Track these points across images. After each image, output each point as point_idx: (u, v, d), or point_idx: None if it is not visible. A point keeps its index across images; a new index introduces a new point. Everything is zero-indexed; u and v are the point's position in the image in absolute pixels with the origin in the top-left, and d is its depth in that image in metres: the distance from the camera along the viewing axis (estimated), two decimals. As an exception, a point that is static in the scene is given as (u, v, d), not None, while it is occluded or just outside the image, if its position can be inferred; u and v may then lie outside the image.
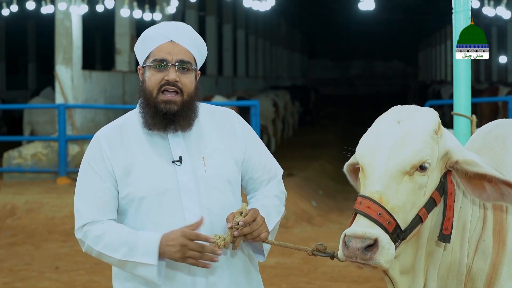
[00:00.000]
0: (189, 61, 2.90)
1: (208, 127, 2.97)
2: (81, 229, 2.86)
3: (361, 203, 2.44)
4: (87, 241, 2.85)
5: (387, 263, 2.39)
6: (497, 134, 2.81)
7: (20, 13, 18.98)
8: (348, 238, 2.39)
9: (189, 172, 2.87)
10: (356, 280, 7.48)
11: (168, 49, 2.89)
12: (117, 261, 2.82)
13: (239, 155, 2.97)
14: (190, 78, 2.90)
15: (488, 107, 15.91)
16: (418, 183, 2.48)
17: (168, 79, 2.85)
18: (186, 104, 2.87)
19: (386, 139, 2.51)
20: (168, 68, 2.86)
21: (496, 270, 2.63)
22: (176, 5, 17.82)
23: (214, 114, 3.02)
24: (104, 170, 2.87)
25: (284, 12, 32.29)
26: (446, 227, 2.52)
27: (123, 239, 2.80)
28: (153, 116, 2.88)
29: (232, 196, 2.93)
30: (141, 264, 2.77)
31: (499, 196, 2.50)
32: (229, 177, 2.92)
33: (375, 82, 48.65)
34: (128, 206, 2.88)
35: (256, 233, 2.80)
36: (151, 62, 2.89)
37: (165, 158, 2.88)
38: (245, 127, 3.04)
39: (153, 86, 2.88)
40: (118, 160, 2.87)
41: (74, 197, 2.92)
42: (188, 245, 2.73)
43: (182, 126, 2.88)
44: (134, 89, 18.21)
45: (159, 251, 2.76)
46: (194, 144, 2.92)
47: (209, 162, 2.90)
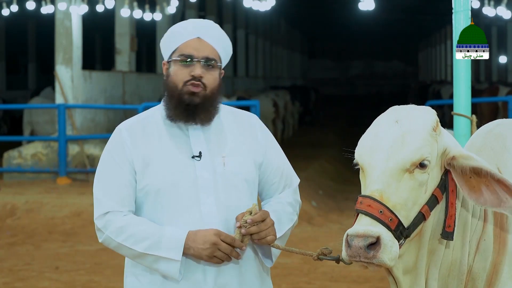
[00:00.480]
0: (214, 59, 2.93)
1: (229, 126, 3.00)
2: (102, 217, 2.87)
3: (362, 203, 2.45)
4: (106, 232, 2.85)
5: (391, 260, 2.39)
6: (498, 134, 2.82)
7: (20, 13, 18.99)
8: (351, 237, 2.39)
9: (208, 168, 2.89)
10: (356, 280, 7.48)
11: (195, 45, 2.92)
12: (137, 253, 2.82)
13: (258, 157, 2.99)
14: (214, 75, 2.93)
15: (488, 107, 15.91)
16: (418, 181, 2.48)
17: (194, 74, 2.88)
18: (208, 99, 2.91)
19: (385, 138, 2.52)
20: (194, 64, 2.90)
21: (496, 270, 2.63)
22: (176, 5, 17.82)
23: (236, 115, 3.05)
24: (124, 161, 2.89)
25: (284, 12, 32.30)
26: (449, 224, 2.53)
27: (147, 232, 2.81)
28: (175, 107, 2.90)
29: (249, 195, 2.95)
30: (164, 259, 2.79)
31: (496, 202, 2.48)
32: (247, 176, 2.94)
33: (375, 82, 48.65)
34: (145, 199, 2.89)
35: (263, 234, 2.81)
36: (177, 57, 2.92)
37: (185, 152, 2.91)
38: (266, 132, 3.07)
39: (178, 80, 2.91)
40: (138, 151, 2.90)
41: (94, 186, 2.93)
42: (220, 245, 2.77)
43: (202, 120, 2.91)
44: (134, 89, 18.26)
45: (185, 247, 2.78)
46: (215, 141, 2.94)
47: (228, 160, 2.92)
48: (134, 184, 2.90)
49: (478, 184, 2.51)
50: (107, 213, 2.86)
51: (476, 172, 2.50)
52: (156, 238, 2.80)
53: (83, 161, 13.06)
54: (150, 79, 17.96)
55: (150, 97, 16.83)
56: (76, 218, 10.25)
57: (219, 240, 2.77)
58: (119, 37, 16.30)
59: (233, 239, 2.79)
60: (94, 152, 13.16)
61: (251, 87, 27.09)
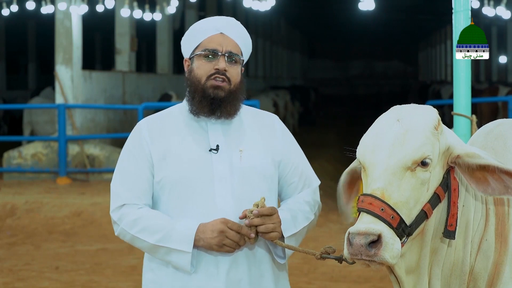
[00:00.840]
0: (237, 54, 2.97)
1: (248, 123, 3.02)
2: (118, 210, 2.92)
3: (363, 201, 2.45)
4: (121, 225, 2.90)
5: (393, 258, 2.39)
6: (498, 134, 2.82)
7: (20, 13, 18.97)
8: (352, 235, 2.40)
9: (225, 161, 2.91)
10: (356, 280, 7.47)
11: (219, 40, 2.96)
12: (150, 245, 2.85)
13: (277, 155, 3.00)
14: (237, 70, 2.97)
15: (488, 107, 15.91)
16: (420, 179, 2.48)
17: (218, 67, 2.92)
18: (233, 93, 2.94)
19: (386, 137, 2.53)
20: (218, 58, 2.93)
21: (498, 270, 2.63)
22: (176, 5, 17.81)
23: (256, 114, 3.08)
24: (142, 155, 2.93)
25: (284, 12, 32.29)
26: (451, 223, 2.53)
27: (159, 225, 2.84)
28: (200, 101, 2.93)
29: (267, 190, 2.96)
30: (175, 251, 2.83)
31: (503, 189, 2.49)
32: (264, 171, 2.96)
33: (375, 82, 48.62)
34: (161, 191, 2.93)
35: (268, 228, 2.81)
36: (201, 51, 2.95)
37: (203, 145, 2.93)
38: (287, 132, 3.09)
39: (202, 74, 2.94)
40: (156, 145, 2.93)
41: (112, 180, 2.99)
42: (227, 233, 2.78)
43: (228, 112, 2.93)
44: (134, 89, 18.26)
45: (195, 239, 2.80)
46: (233, 135, 2.97)
47: (246, 154, 2.94)
48: (151, 178, 2.93)
49: (484, 175, 2.51)
50: (123, 206, 2.91)
51: (483, 168, 2.51)
52: (168, 230, 2.83)
53: (83, 161, 13.06)
54: (150, 79, 17.95)
55: (150, 97, 16.84)
56: (76, 218, 10.25)
57: (226, 227, 2.78)
58: (119, 37, 16.29)
59: (240, 226, 2.80)
60: (94, 152, 13.16)
61: (251, 87, 27.09)
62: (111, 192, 2.97)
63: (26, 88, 30.60)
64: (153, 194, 2.95)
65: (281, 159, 3.01)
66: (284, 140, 3.05)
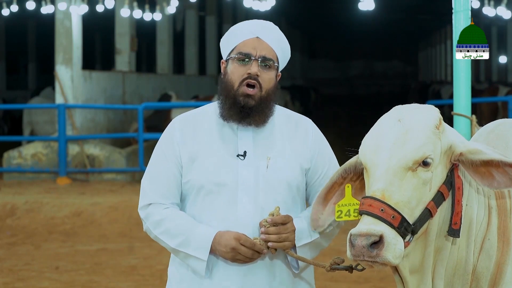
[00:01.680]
0: (271, 59, 2.95)
1: (280, 129, 3.00)
2: (145, 208, 2.96)
3: (363, 203, 2.45)
4: (147, 223, 2.95)
5: (395, 258, 2.38)
6: (499, 133, 2.82)
7: (20, 13, 18.97)
8: (354, 237, 2.40)
9: (251, 168, 2.91)
10: (356, 280, 7.47)
11: (254, 44, 2.94)
12: (171, 248, 2.92)
13: (306, 162, 2.98)
14: (270, 75, 2.96)
15: (488, 107, 15.91)
16: (422, 179, 2.48)
17: (251, 72, 2.90)
18: (264, 100, 2.92)
19: (387, 137, 2.53)
20: (251, 63, 2.91)
21: (500, 270, 2.63)
22: (176, 5, 17.81)
23: (290, 118, 3.06)
24: (172, 155, 2.95)
25: (284, 12, 32.28)
26: (455, 221, 2.52)
27: (180, 229, 2.88)
28: (230, 108, 2.92)
29: (290, 200, 2.95)
30: (192, 257, 2.87)
31: (509, 182, 2.49)
32: (290, 181, 2.94)
33: (375, 82, 48.58)
34: (188, 193, 2.96)
35: (281, 237, 2.82)
36: (235, 55, 2.93)
37: (231, 151, 2.93)
38: (319, 138, 3.06)
39: (235, 78, 2.92)
40: (186, 146, 2.95)
41: (143, 176, 3.02)
42: (239, 250, 2.81)
43: (257, 121, 2.92)
44: (134, 89, 18.26)
45: (211, 248, 2.84)
46: (262, 142, 2.95)
47: (273, 163, 2.93)
48: (180, 179, 2.96)
49: (488, 170, 2.51)
50: (150, 205, 2.95)
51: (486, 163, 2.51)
52: (187, 235, 2.87)
53: (83, 161, 13.06)
54: (150, 79, 17.95)
55: (150, 97, 16.83)
56: (76, 218, 10.25)
57: (239, 245, 2.80)
58: (119, 37, 16.29)
59: (253, 243, 2.81)
60: (94, 152, 13.16)
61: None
62: (141, 188, 3.02)
63: (26, 88, 30.61)
64: (182, 193, 2.98)
65: (309, 167, 2.99)
66: (314, 147, 3.01)
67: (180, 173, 2.95)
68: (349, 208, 2.73)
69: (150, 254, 8.59)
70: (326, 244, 3.00)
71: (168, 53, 19.24)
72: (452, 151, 2.56)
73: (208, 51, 23.29)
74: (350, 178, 2.77)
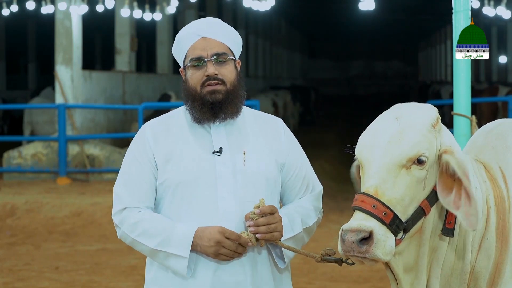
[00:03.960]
0: (224, 52, 2.94)
1: (251, 125, 3.01)
2: (120, 213, 2.92)
3: (356, 199, 2.47)
4: (122, 228, 2.91)
5: (385, 255, 2.39)
6: (499, 133, 2.82)
7: (20, 13, 18.98)
8: (344, 232, 2.41)
9: (228, 164, 2.91)
10: (356, 280, 7.48)
11: (202, 45, 2.93)
12: (150, 249, 2.86)
13: (281, 158, 2.99)
14: (229, 68, 2.94)
15: (488, 107, 15.91)
16: (416, 177, 2.48)
17: (208, 74, 2.90)
18: (231, 92, 2.92)
19: (383, 135, 2.54)
20: (205, 64, 2.91)
21: (499, 270, 2.63)
22: (176, 5, 17.81)
23: (259, 117, 3.07)
24: (145, 158, 2.93)
25: (284, 12, 32.29)
26: (449, 221, 2.53)
27: (158, 229, 2.85)
28: (201, 108, 2.92)
29: (269, 194, 2.94)
30: (173, 255, 2.83)
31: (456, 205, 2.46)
32: (267, 174, 2.94)
33: (375, 82, 48.61)
34: (164, 193, 2.93)
35: (270, 227, 2.81)
36: (189, 62, 2.93)
37: (206, 148, 2.93)
38: (290, 136, 3.06)
39: (195, 83, 2.92)
40: (159, 149, 2.93)
41: (115, 182, 2.98)
42: (224, 243, 2.78)
43: (231, 113, 2.93)
44: (134, 89, 18.23)
45: (192, 244, 2.81)
46: (236, 137, 2.96)
47: (249, 157, 2.93)
48: (154, 182, 2.94)
49: (452, 185, 2.50)
50: (124, 209, 2.92)
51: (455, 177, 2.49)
52: (167, 234, 2.84)
53: (83, 161, 13.06)
54: (150, 79, 17.95)
55: (150, 97, 16.84)
56: (76, 218, 10.26)
57: (223, 238, 2.78)
58: (119, 37, 16.29)
59: (238, 236, 2.79)
60: (94, 152, 13.16)
61: (251, 87, 27.09)
62: (113, 194, 2.98)
63: (26, 88, 30.59)
64: (156, 196, 2.95)
65: (284, 163, 3.00)
66: (288, 144, 3.02)
67: (155, 176, 2.93)
68: None
69: (150, 254, 8.59)
70: (307, 239, 3.00)
71: (168, 53, 19.24)
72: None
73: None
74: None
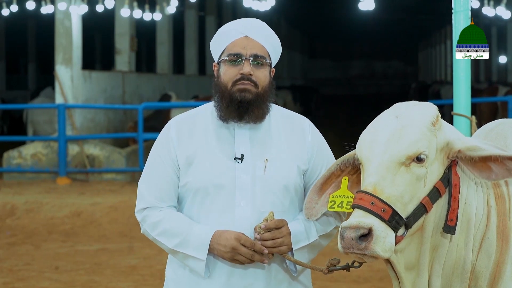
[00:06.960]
0: (263, 56, 2.93)
1: (277, 129, 2.97)
2: (141, 212, 2.95)
3: (355, 198, 2.49)
4: (144, 225, 2.94)
5: (385, 252, 2.40)
6: (499, 133, 2.83)
7: (20, 13, 18.98)
8: (343, 229, 2.42)
9: (248, 171, 2.89)
10: (356, 280, 7.47)
11: (243, 43, 2.91)
12: (169, 249, 2.90)
13: (303, 164, 2.95)
14: (264, 72, 2.93)
15: (487, 107, 15.92)
16: (415, 175, 2.49)
17: (243, 72, 2.87)
18: (260, 96, 2.89)
19: (383, 133, 2.55)
20: (242, 63, 2.88)
21: (499, 269, 2.63)
22: (176, 5, 17.81)
23: (286, 118, 3.02)
24: (168, 158, 2.93)
25: (284, 12, 32.28)
26: (451, 218, 2.53)
27: (177, 229, 2.87)
28: (227, 106, 2.89)
29: (288, 202, 2.92)
30: (191, 257, 2.85)
31: (506, 173, 2.51)
32: (287, 183, 2.91)
33: (375, 82, 48.60)
34: (185, 195, 2.94)
35: (276, 242, 2.80)
36: (226, 56, 2.90)
37: (228, 153, 2.91)
38: (317, 137, 3.02)
39: (228, 80, 2.89)
40: (182, 149, 2.92)
41: (140, 179, 2.99)
42: (239, 250, 2.79)
43: (256, 116, 2.89)
44: (134, 89, 18.24)
45: (210, 247, 2.82)
46: (259, 144, 2.93)
47: (270, 165, 2.90)
48: (177, 181, 2.94)
49: (486, 164, 2.53)
50: (146, 208, 2.94)
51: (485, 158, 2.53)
52: (184, 236, 2.86)
53: (83, 161, 13.06)
54: (150, 79, 17.95)
55: (150, 97, 16.84)
56: (76, 218, 10.25)
57: (239, 245, 2.78)
58: (119, 37, 16.29)
59: (253, 243, 2.79)
60: (94, 152, 13.16)
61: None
62: (137, 192, 3.00)
63: (26, 88, 30.60)
64: (179, 195, 2.97)
65: (307, 168, 2.97)
66: (312, 147, 2.98)
67: (177, 175, 2.93)
68: (343, 200, 2.75)
69: (150, 254, 8.59)
70: (325, 243, 2.98)
71: (168, 53, 19.25)
72: (449, 148, 2.57)
73: (208, 51, 23.26)
74: (348, 171, 2.78)
